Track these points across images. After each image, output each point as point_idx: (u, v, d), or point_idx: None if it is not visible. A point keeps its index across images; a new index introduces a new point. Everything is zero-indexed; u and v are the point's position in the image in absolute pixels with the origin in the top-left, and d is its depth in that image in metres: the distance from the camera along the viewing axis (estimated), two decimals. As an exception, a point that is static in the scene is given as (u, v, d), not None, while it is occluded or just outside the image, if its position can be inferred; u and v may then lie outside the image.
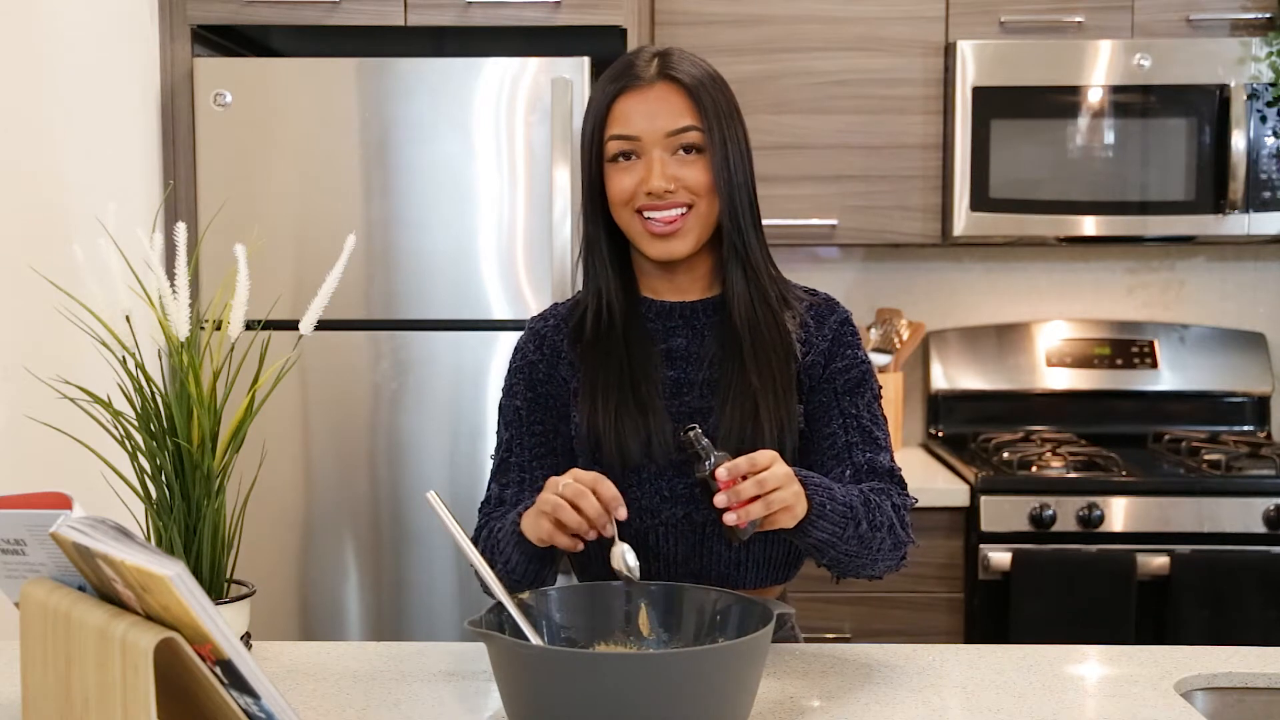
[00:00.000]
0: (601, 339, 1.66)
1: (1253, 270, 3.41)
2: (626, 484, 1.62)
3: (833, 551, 1.53)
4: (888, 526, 1.57)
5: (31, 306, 2.14)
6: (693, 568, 1.64)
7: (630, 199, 1.61)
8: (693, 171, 1.60)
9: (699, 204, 1.61)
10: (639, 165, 1.61)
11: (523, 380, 1.71)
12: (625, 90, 1.61)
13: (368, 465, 2.81)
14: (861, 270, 3.43)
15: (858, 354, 1.68)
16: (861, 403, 1.66)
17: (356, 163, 2.78)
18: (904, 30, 3.07)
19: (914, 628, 2.83)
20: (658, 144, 1.60)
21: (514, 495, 1.67)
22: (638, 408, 1.61)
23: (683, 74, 1.61)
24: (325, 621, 2.82)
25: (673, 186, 1.59)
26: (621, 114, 1.61)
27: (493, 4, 2.82)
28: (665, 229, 1.61)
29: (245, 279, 1.58)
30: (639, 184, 1.60)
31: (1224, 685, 1.57)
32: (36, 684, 1.19)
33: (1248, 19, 3.04)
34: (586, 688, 1.20)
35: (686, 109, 1.60)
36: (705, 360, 1.66)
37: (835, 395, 1.66)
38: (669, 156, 1.60)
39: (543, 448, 1.69)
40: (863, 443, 1.65)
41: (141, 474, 1.58)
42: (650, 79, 1.61)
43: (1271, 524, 2.77)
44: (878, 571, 1.63)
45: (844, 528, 1.51)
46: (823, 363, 1.67)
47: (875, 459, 1.64)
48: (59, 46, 2.40)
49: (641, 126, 1.60)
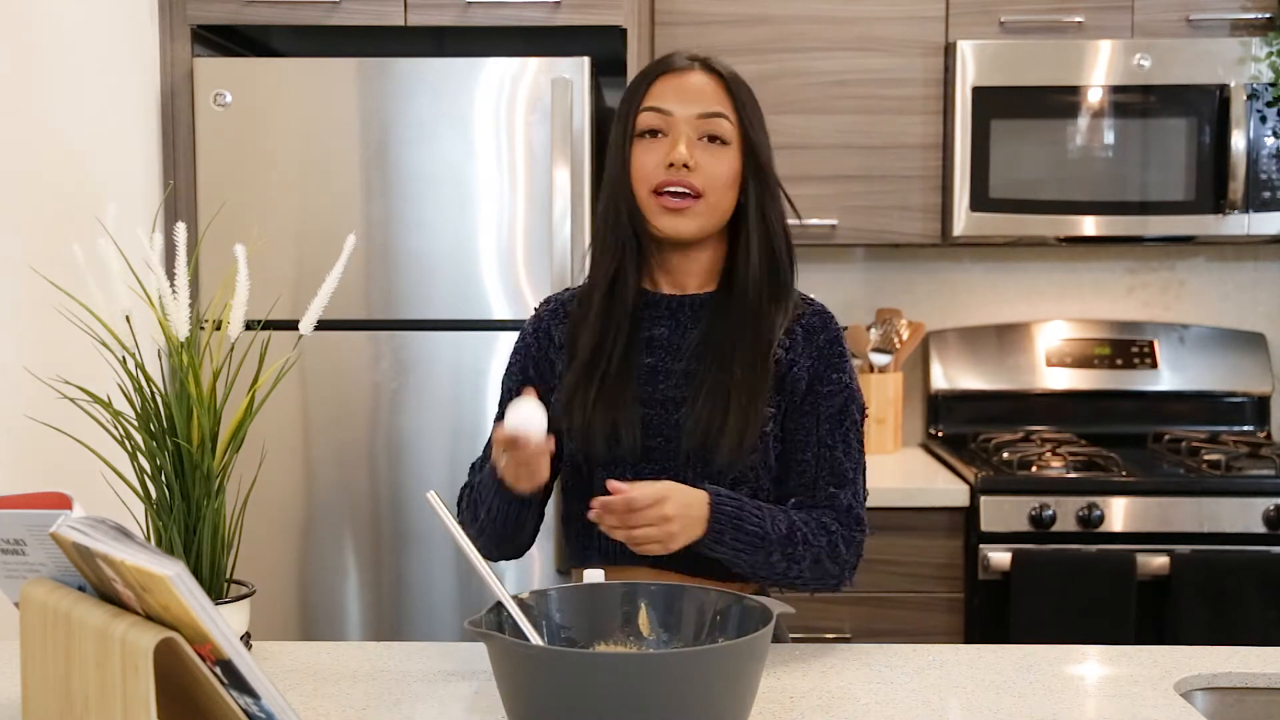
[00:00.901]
0: (593, 319, 1.71)
1: (1253, 270, 3.41)
2: (594, 465, 1.70)
3: (737, 568, 1.62)
4: (810, 560, 1.63)
5: (31, 306, 2.14)
6: (660, 557, 1.66)
7: (651, 175, 1.66)
8: (714, 161, 1.66)
9: (710, 195, 1.66)
10: (665, 143, 1.66)
11: (519, 361, 1.79)
12: (665, 73, 1.69)
13: (368, 465, 2.81)
14: (861, 270, 3.43)
15: (843, 378, 1.71)
16: (839, 433, 1.70)
17: (356, 163, 2.78)
18: (904, 30, 3.07)
19: (914, 628, 2.83)
20: (688, 123, 1.66)
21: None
22: (611, 402, 1.66)
23: (721, 68, 1.70)
24: (325, 621, 2.82)
25: (693, 164, 1.64)
26: (658, 91, 1.68)
27: (493, 4, 2.82)
28: (677, 204, 1.65)
29: (245, 279, 1.58)
30: (662, 158, 1.65)
31: (1224, 685, 1.57)
32: (36, 684, 1.19)
33: (1248, 19, 3.04)
34: (586, 688, 1.20)
35: (720, 98, 1.67)
36: (685, 352, 1.69)
37: (817, 422, 1.69)
38: (695, 139, 1.66)
39: None
40: (829, 476, 1.68)
41: (141, 474, 1.58)
42: (689, 66, 1.69)
43: (1271, 524, 2.77)
44: (805, 590, 1.70)
45: (747, 552, 1.59)
46: (806, 379, 1.70)
47: (837, 496, 1.68)
48: (59, 46, 2.40)
49: (675, 104, 1.66)
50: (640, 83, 1.70)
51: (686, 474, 1.66)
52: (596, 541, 1.69)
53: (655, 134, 1.67)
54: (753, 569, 1.62)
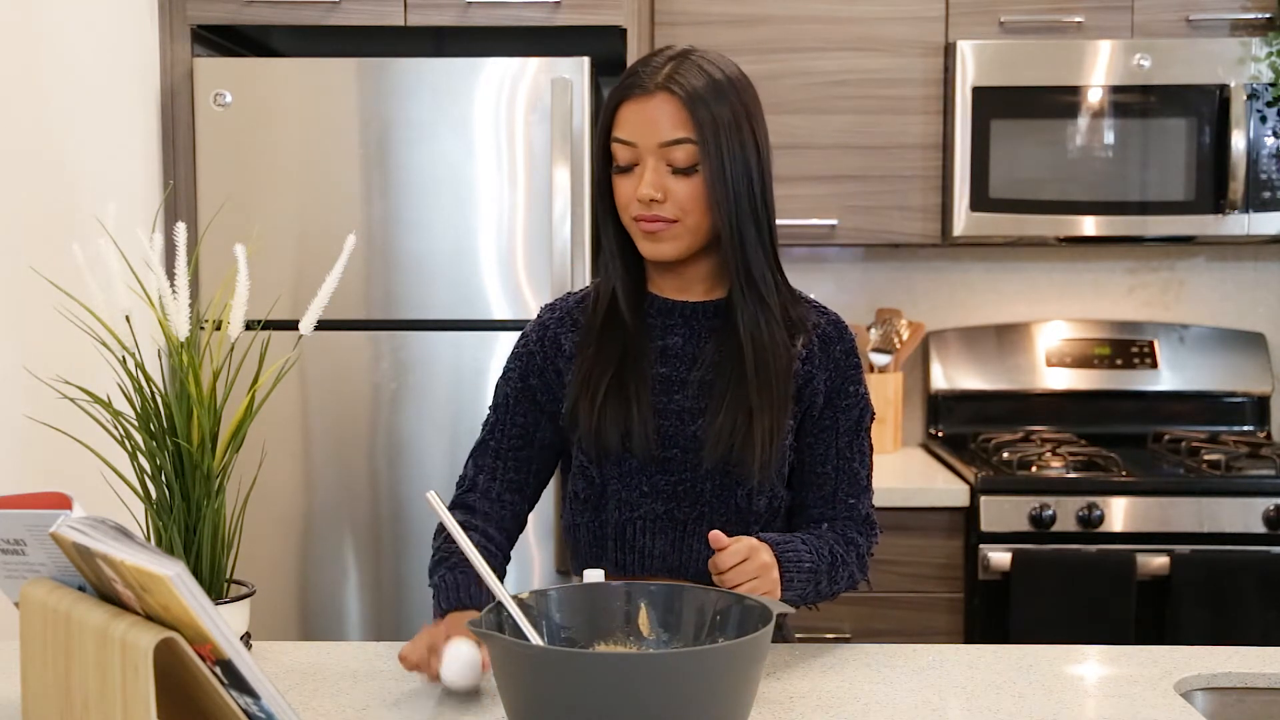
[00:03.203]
0: (601, 329, 1.69)
1: (1252, 270, 3.41)
2: (608, 477, 1.67)
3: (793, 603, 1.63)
4: (846, 579, 1.69)
5: (32, 307, 2.14)
6: (670, 563, 1.67)
7: (628, 206, 1.64)
8: (682, 187, 1.61)
9: (686, 219, 1.62)
10: (635, 175, 1.63)
11: (518, 368, 1.75)
12: (628, 97, 1.63)
13: (367, 465, 2.81)
14: (861, 270, 3.43)
15: (859, 389, 1.72)
16: (855, 444, 1.72)
17: (356, 163, 2.78)
18: (904, 30, 3.07)
19: (914, 628, 2.83)
20: (652, 153, 1.61)
21: (484, 483, 1.73)
22: (621, 397, 1.64)
23: (683, 86, 1.60)
24: (325, 621, 2.82)
25: (660, 196, 1.61)
26: (623, 119, 1.63)
27: (493, 4, 2.82)
28: (655, 229, 1.63)
29: (245, 279, 1.58)
30: (634, 191, 1.63)
31: (1224, 685, 1.57)
32: (36, 684, 1.19)
33: (1248, 19, 3.04)
34: (586, 688, 1.20)
35: (681, 122, 1.60)
36: (700, 361, 1.67)
37: (835, 435, 1.71)
38: (663, 166, 1.62)
39: (520, 440, 1.73)
40: (848, 488, 1.72)
41: (141, 474, 1.58)
42: (652, 88, 1.61)
43: (1271, 524, 2.77)
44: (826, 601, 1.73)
45: (803, 592, 1.61)
46: (824, 393, 1.70)
47: (855, 506, 1.72)
48: (59, 46, 2.40)
49: (638, 134, 1.62)
50: (610, 103, 1.65)
51: (706, 487, 1.65)
52: (608, 554, 1.69)
53: (628, 165, 1.63)
54: (802, 600, 1.64)
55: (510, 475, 1.73)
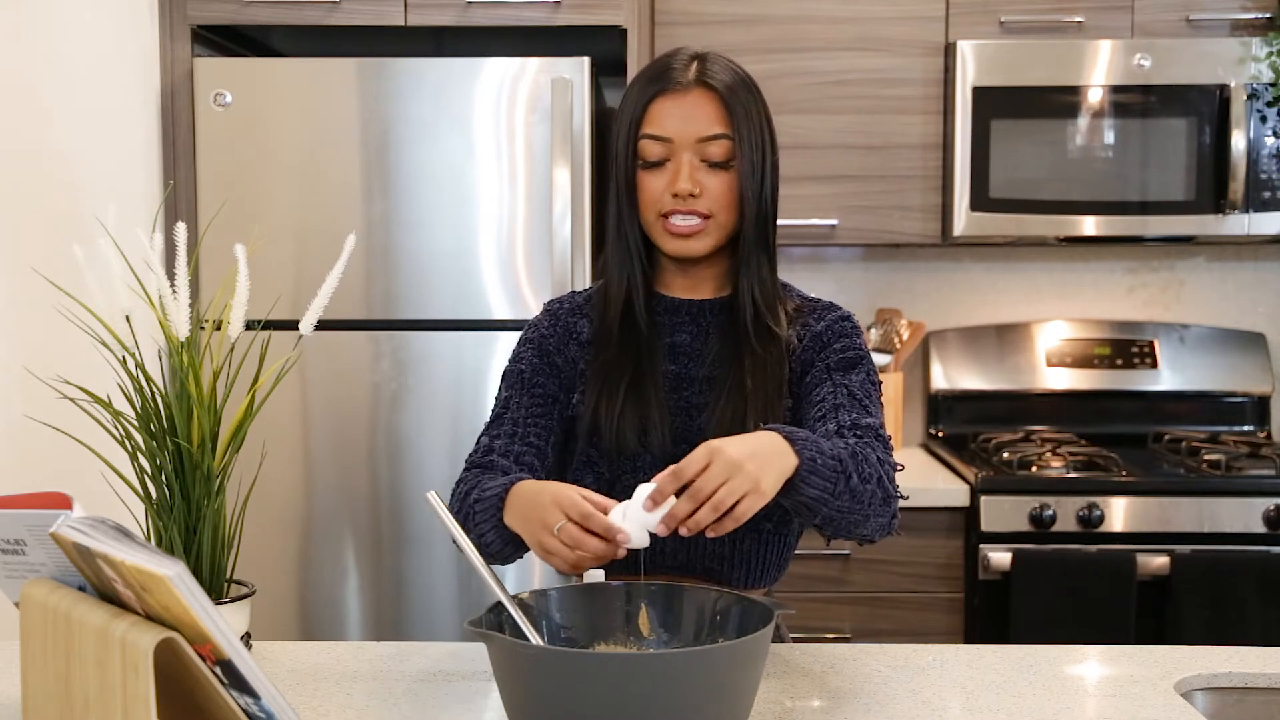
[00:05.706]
0: (616, 327, 1.69)
1: (1253, 270, 3.41)
2: (619, 471, 1.66)
3: (825, 509, 1.47)
4: (876, 479, 1.51)
5: (32, 306, 2.14)
6: (680, 560, 1.66)
7: (658, 202, 1.64)
8: (717, 183, 1.63)
9: (719, 215, 1.64)
10: (668, 170, 1.64)
11: (532, 349, 1.73)
12: (662, 93, 1.64)
13: (368, 465, 2.81)
14: (861, 270, 3.43)
15: (855, 341, 1.69)
16: (854, 376, 1.65)
17: (356, 163, 2.78)
18: (904, 30, 3.07)
19: (914, 628, 2.83)
20: (688, 148, 1.63)
21: (503, 445, 1.67)
22: (639, 398, 1.64)
23: (718, 81, 1.64)
24: (325, 621, 2.82)
25: (698, 191, 1.62)
26: (656, 115, 1.64)
27: (493, 4, 2.82)
28: (685, 229, 1.64)
29: (245, 279, 1.58)
30: (666, 187, 1.63)
31: (1224, 685, 1.57)
32: (36, 684, 1.19)
33: (1248, 19, 3.04)
34: (586, 688, 1.20)
35: (719, 117, 1.63)
36: (707, 357, 1.68)
37: (828, 370, 1.66)
38: (698, 162, 1.63)
39: (540, 406, 1.69)
40: (850, 405, 1.62)
41: (141, 474, 1.58)
42: (687, 84, 1.63)
43: (1271, 524, 2.77)
44: (869, 530, 1.55)
45: (834, 482, 1.45)
46: (815, 348, 1.68)
47: (860, 419, 1.60)
48: (59, 47, 2.40)
49: (674, 129, 1.63)
50: (640, 100, 1.65)
51: None
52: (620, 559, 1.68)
53: (660, 161, 1.64)
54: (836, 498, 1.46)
55: (531, 439, 1.67)
